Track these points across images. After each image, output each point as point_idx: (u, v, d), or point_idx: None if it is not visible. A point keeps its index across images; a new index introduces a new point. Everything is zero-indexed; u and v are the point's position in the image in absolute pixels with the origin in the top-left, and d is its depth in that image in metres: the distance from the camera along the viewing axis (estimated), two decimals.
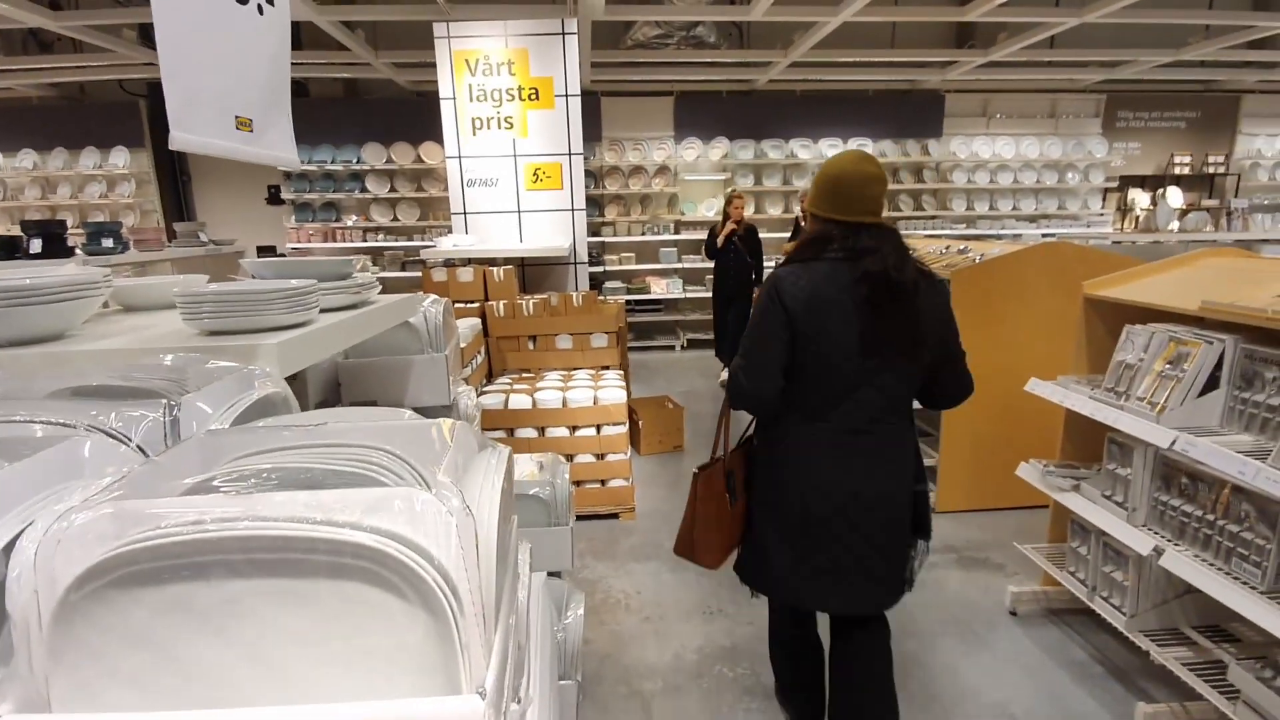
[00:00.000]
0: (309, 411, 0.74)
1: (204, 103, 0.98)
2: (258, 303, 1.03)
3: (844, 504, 1.70)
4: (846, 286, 1.63)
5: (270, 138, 1.15)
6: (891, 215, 8.60)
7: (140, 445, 0.71)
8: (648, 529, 3.58)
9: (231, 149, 1.06)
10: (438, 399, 1.85)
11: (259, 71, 1.08)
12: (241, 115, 1.05)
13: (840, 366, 1.65)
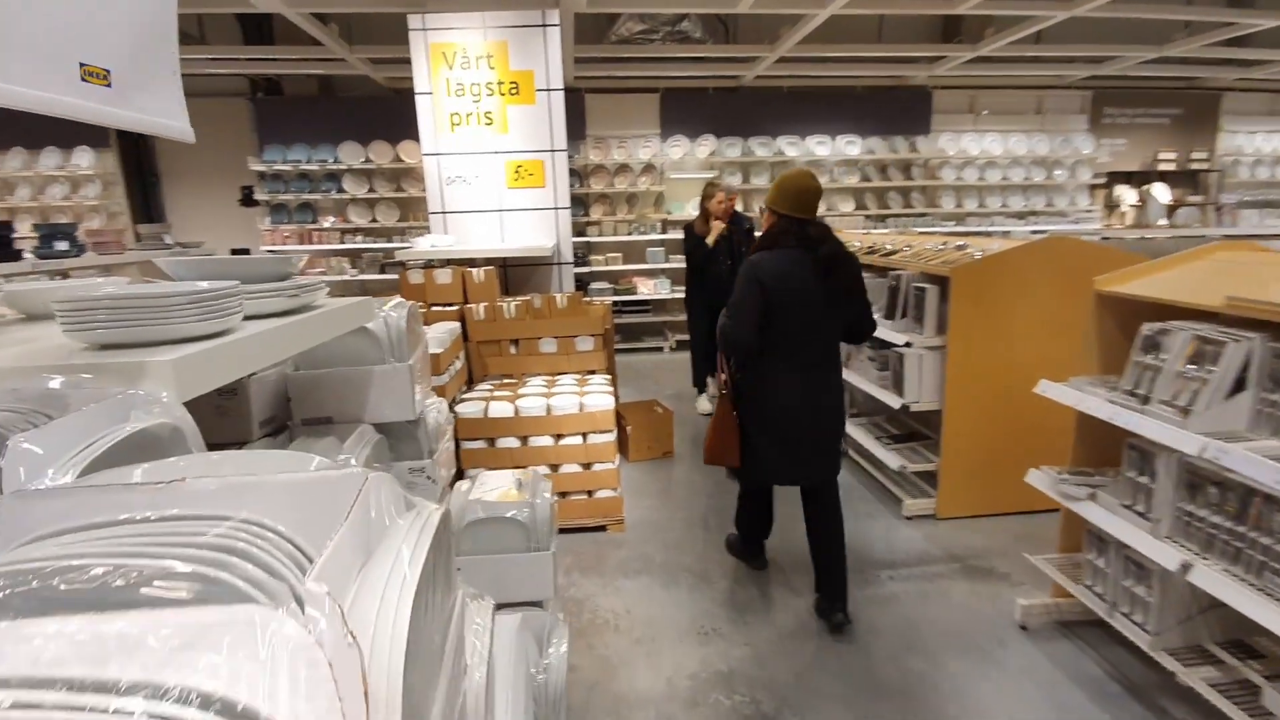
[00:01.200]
0: (180, 459, 0.55)
1: (25, 38, 0.77)
2: (156, 309, 0.84)
3: (809, 414, 2.58)
4: (803, 263, 2.46)
5: (140, 98, 0.93)
6: (879, 213, 8.49)
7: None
8: (638, 541, 3.40)
9: (71, 107, 0.84)
10: (401, 413, 1.66)
11: (122, 11, 0.87)
12: (90, 64, 0.84)
13: (798, 321, 2.50)
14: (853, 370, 4.06)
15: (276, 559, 0.37)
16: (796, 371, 2.54)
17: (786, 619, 2.72)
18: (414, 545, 0.45)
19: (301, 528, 0.41)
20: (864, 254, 4.34)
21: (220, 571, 0.34)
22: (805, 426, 2.59)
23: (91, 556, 0.34)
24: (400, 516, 0.50)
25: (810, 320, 2.50)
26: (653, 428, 4.47)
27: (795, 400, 2.55)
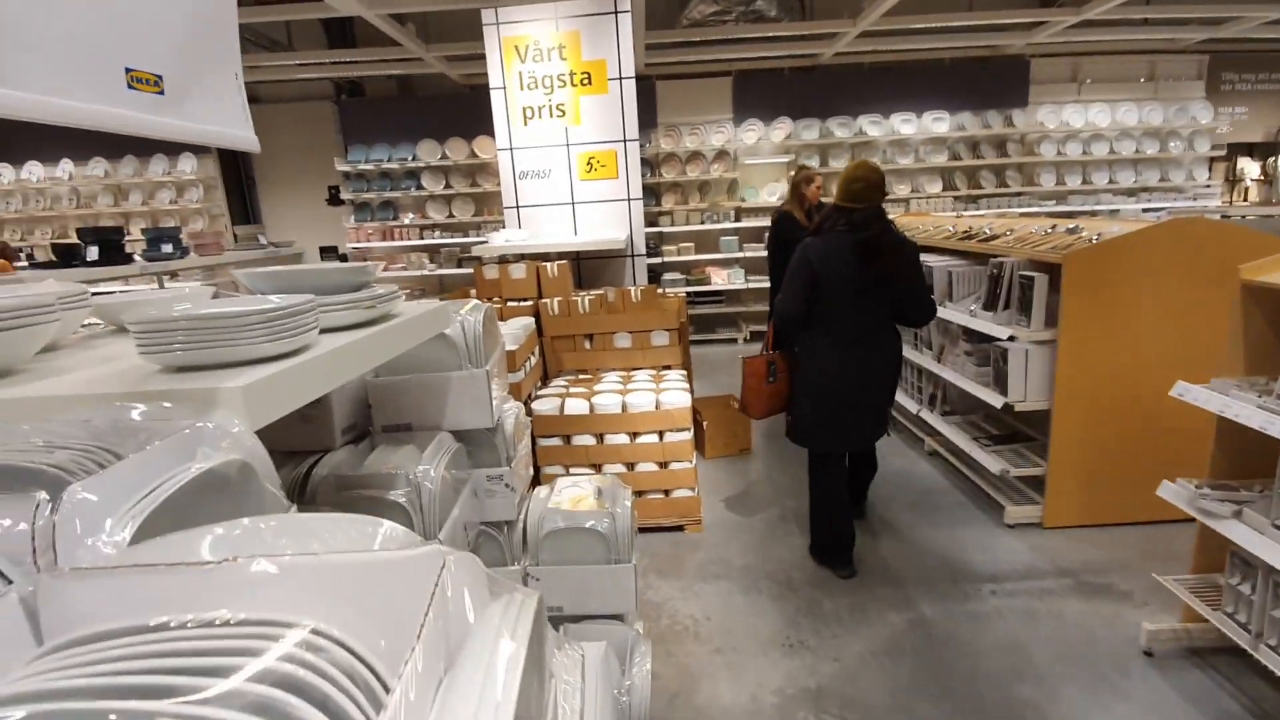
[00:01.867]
0: (235, 526, 0.48)
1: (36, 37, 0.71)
2: (230, 330, 0.80)
3: (847, 385, 2.78)
4: (846, 247, 2.68)
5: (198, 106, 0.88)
6: (970, 193, 7.96)
7: None
8: (716, 543, 3.29)
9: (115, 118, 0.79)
10: (480, 420, 1.61)
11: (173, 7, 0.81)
12: (138, 69, 0.79)
13: (840, 299, 2.71)
14: (947, 365, 3.79)
15: (344, 696, 0.28)
16: (838, 346, 2.77)
17: (879, 635, 2.55)
18: (507, 660, 0.36)
19: (371, 635, 0.33)
20: (959, 239, 4.04)
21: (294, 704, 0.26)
22: (843, 396, 2.80)
23: (117, 694, 0.27)
24: (484, 603, 0.41)
25: (850, 299, 2.72)
26: (729, 424, 4.34)
27: (834, 371, 2.79)
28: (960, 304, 3.64)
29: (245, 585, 0.38)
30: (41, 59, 0.72)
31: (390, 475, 1.35)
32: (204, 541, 0.44)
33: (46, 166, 8.20)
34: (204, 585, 0.38)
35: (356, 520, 0.49)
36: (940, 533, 3.26)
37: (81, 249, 3.76)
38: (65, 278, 3.87)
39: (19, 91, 0.70)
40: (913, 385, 4.36)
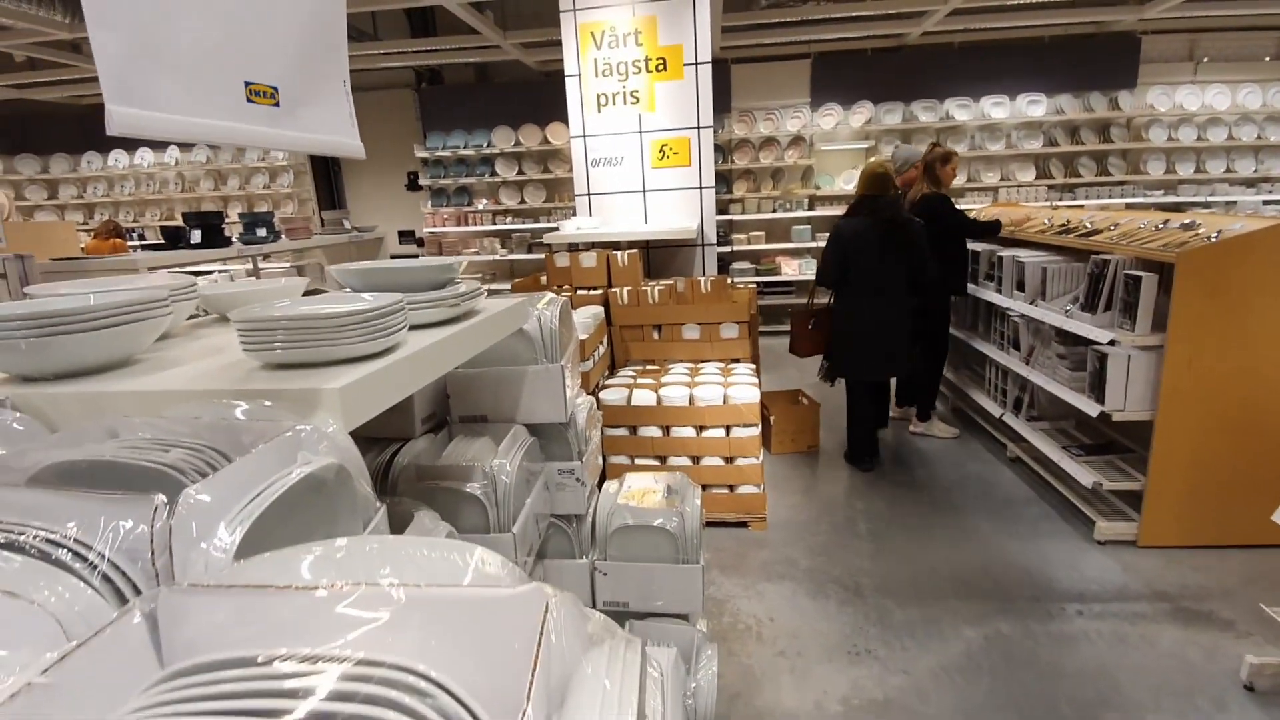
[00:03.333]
0: (335, 547, 0.49)
1: (172, 58, 0.73)
2: (325, 330, 0.82)
3: (872, 328, 3.67)
4: (869, 226, 3.59)
5: (309, 115, 0.90)
6: (1068, 182, 7.45)
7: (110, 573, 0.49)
8: (780, 541, 3.24)
9: (237, 133, 0.81)
10: (554, 414, 1.62)
11: (289, 19, 0.82)
12: (257, 82, 0.80)
13: (865, 265, 3.61)
14: (1037, 368, 3.58)
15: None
16: (864, 299, 3.68)
17: (953, 650, 2.45)
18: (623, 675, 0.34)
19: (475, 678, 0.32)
20: (1055, 233, 3.78)
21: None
22: (867, 338, 3.71)
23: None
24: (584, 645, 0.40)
25: (872, 266, 3.61)
26: (797, 420, 4.24)
27: (863, 317, 3.70)
28: (1054, 303, 3.42)
29: (353, 616, 0.37)
30: (171, 79, 0.75)
31: (467, 468, 1.37)
32: (310, 562, 0.45)
33: (156, 152, 8.81)
34: (314, 612, 0.38)
35: (452, 546, 0.48)
36: (1023, 545, 3.10)
37: (186, 232, 4.02)
38: (172, 259, 4.16)
39: (151, 112, 0.73)
40: (995, 387, 4.14)
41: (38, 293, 1.03)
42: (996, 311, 4.05)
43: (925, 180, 4.07)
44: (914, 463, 4.05)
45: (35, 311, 0.83)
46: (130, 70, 0.70)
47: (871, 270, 3.61)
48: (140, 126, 0.73)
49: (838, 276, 3.71)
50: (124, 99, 0.71)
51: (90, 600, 0.46)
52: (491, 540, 1.36)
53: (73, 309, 0.84)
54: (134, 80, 0.70)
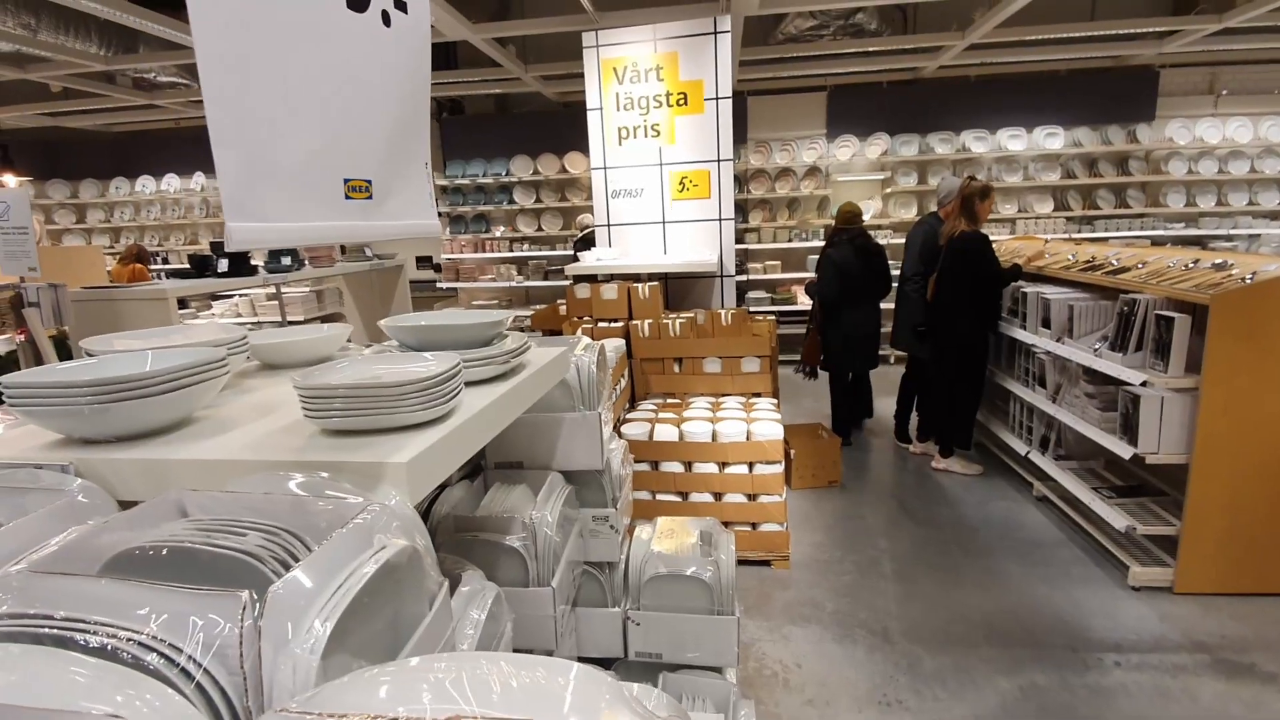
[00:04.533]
0: (439, 662, 0.47)
1: (285, 168, 0.75)
2: (387, 399, 0.81)
3: (856, 331, 4.62)
4: (850, 253, 4.57)
5: (396, 205, 0.90)
6: (1086, 214, 7.44)
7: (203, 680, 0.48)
8: (804, 582, 3.18)
9: (332, 230, 0.82)
10: (590, 461, 1.60)
11: (380, 110, 0.83)
12: (354, 178, 0.81)
13: (850, 283, 4.54)
14: (1064, 406, 3.53)
15: None
16: (850, 310, 4.61)
17: (986, 701, 2.38)
18: None
19: None
20: (1079, 269, 3.76)
21: None
22: (855, 339, 4.66)
23: None
24: None
25: (855, 284, 4.56)
26: (818, 455, 4.20)
27: (849, 324, 4.63)
28: (1082, 341, 3.38)
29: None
30: (279, 189, 0.76)
31: (507, 519, 1.36)
32: (412, 684, 0.43)
33: (182, 178, 8.98)
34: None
35: (549, 664, 0.46)
36: (1054, 590, 3.03)
37: (214, 260, 4.08)
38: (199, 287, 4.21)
39: (261, 223, 0.74)
40: (1020, 424, 4.09)
41: (97, 349, 1.04)
42: (1021, 347, 4.01)
43: (962, 215, 3.99)
44: (937, 500, 3.98)
45: (99, 378, 0.83)
46: (245, 187, 0.71)
47: (854, 288, 4.57)
48: (254, 239, 0.74)
49: (836, 291, 4.59)
50: (240, 215, 0.72)
51: (183, 711, 0.45)
52: (530, 595, 1.34)
53: (136, 375, 0.84)
54: (247, 196, 0.71)
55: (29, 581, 0.55)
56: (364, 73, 0.81)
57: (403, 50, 0.88)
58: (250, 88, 0.70)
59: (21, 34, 5.31)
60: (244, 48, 0.67)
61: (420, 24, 0.91)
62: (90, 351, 1.04)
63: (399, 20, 0.85)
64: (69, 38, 5.69)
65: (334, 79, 0.78)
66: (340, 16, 0.78)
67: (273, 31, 0.70)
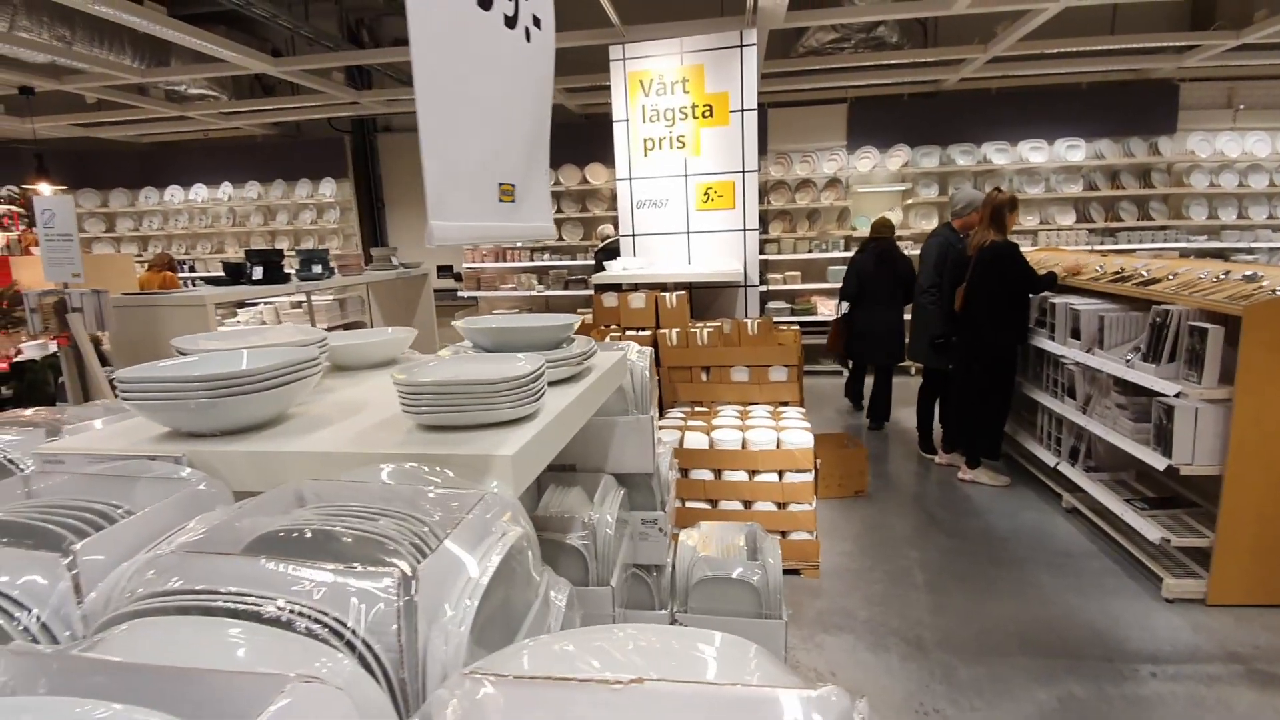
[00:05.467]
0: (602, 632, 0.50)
1: (466, 174, 0.80)
2: (484, 396, 0.85)
3: (873, 330, 5.30)
4: (871, 259, 5.29)
5: (528, 206, 0.95)
6: (1108, 226, 7.41)
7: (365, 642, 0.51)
8: (835, 591, 3.18)
9: (489, 230, 0.87)
10: (641, 465, 1.63)
11: (525, 119, 0.88)
12: (505, 182, 0.86)
13: (870, 285, 5.27)
14: (1095, 417, 3.52)
15: None
16: (866, 308, 5.29)
17: (1024, 711, 2.37)
18: None
19: None
20: (1108, 280, 3.76)
21: None
22: (870, 335, 5.29)
23: None
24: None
25: (870, 286, 5.23)
26: (844, 464, 4.20)
27: (864, 320, 5.31)
28: (1113, 352, 3.38)
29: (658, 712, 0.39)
30: (461, 191, 0.80)
31: (568, 519, 1.38)
32: (581, 651, 0.46)
33: (210, 188, 9.15)
34: (615, 704, 0.39)
35: (731, 641, 0.49)
36: (1088, 601, 3.01)
37: (248, 268, 4.16)
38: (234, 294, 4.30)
39: (450, 222, 0.78)
40: (1049, 435, 4.07)
41: (186, 347, 1.08)
42: (1049, 358, 4.01)
43: (990, 226, 3.99)
44: (965, 511, 3.97)
45: (209, 374, 0.87)
46: (442, 190, 0.76)
47: (869, 289, 5.24)
48: (446, 236, 0.79)
49: (854, 291, 5.31)
50: (438, 214, 0.77)
51: (362, 680, 0.48)
52: (591, 594, 1.36)
53: (243, 372, 0.88)
54: (443, 198, 0.75)
55: (186, 560, 0.58)
56: (514, 85, 0.86)
57: (539, 63, 0.93)
58: (449, 104, 0.75)
59: (57, 45, 5.45)
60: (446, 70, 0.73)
61: (549, 37, 0.96)
62: (182, 350, 1.09)
63: (536, 36, 0.90)
64: (103, 50, 5.84)
65: (496, 93, 0.83)
66: (501, 36, 0.83)
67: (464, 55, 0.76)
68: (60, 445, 0.92)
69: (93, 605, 0.61)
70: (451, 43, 0.76)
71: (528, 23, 0.90)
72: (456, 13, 0.74)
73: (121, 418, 1.16)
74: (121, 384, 0.87)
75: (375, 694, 0.48)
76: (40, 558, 0.60)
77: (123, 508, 0.73)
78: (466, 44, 0.77)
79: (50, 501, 0.74)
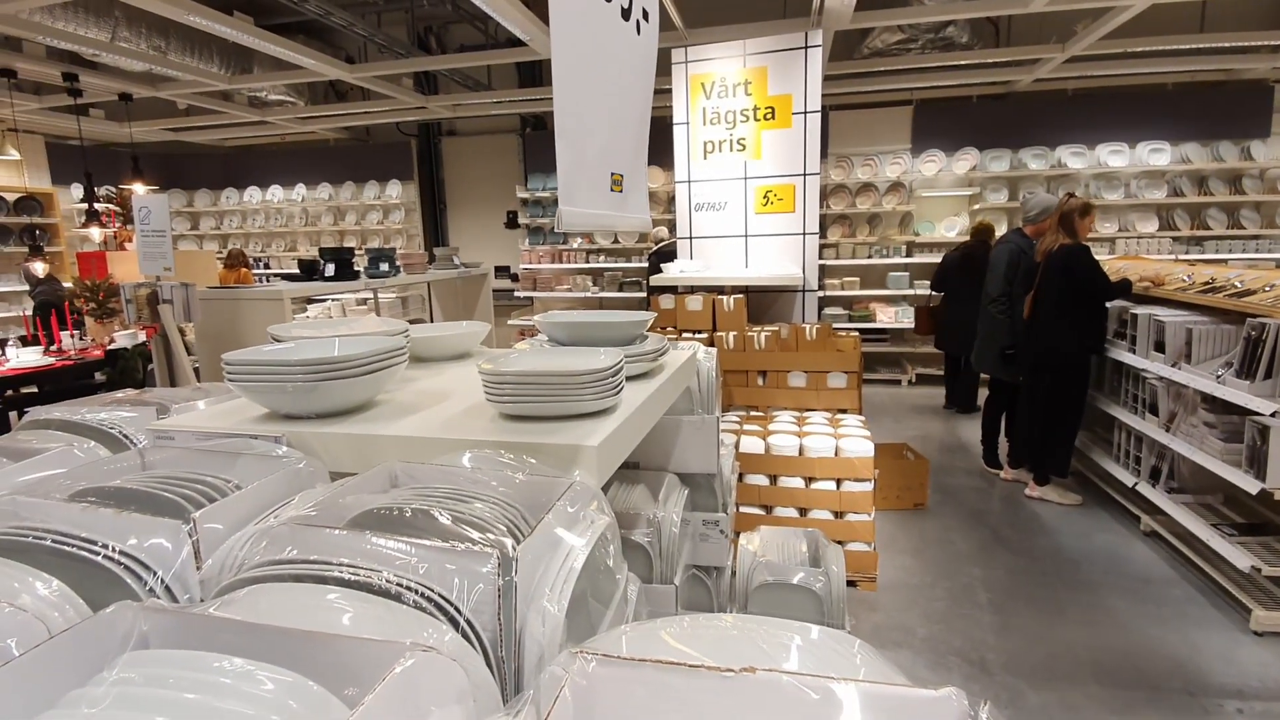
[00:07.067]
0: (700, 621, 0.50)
1: (589, 163, 0.83)
2: (567, 387, 0.86)
3: (952, 321, 5.75)
4: (957, 256, 5.82)
5: (634, 198, 0.98)
6: (1195, 234, 7.00)
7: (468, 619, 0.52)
8: (893, 605, 3.09)
9: (602, 218, 0.89)
10: (705, 465, 1.62)
11: (633, 111, 0.90)
12: (616, 172, 0.88)
13: (949, 279, 5.82)
14: (1180, 436, 3.32)
15: None
16: (950, 303, 5.71)
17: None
18: None
19: None
20: (1197, 291, 3.54)
21: None
22: (949, 326, 5.64)
23: None
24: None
25: (953, 283, 5.69)
26: (904, 475, 4.09)
27: (944, 313, 5.75)
28: (1201, 366, 3.18)
29: (769, 705, 0.38)
30: (584, 179, 0.83)
31: (634, 515, 1.39)
32: (694, 637, 0.46)
33: (285, 189, 9.60)
34: (726, 692, 0.39)
35: (834, 635, 0.49)
36: (1168, 631, 2.84)
37: (321, 265, 4.34)
38: (308, 290, 4.49)
39: (575, 208, 0.82)
40: (1127, 454, 3.86)
41: (282, 334, 1.14)
42: (1129, 372, 3.81)
43: (1061, 232, 3.83)
44: (1033, 529, 3.80)
45: (309, 359, 0.91)
46: (572, 178, 0.79)
47: (952, 285, 5.70)
48: (573, 222, 0.82)
49: (938, 285, 5.87)
50: (568, 201, 0.80)
51: (469, 654, 0.49)
52: (655, 591, 1.37)
53: (340, 357, 0.92)
54: (572, 185, 0.79)
55: (299, 532, 0.61)
56: (627, 77, 0.89)
57: (646, 56, 0.95)
58: (579, 92, 0.78)
59: (153, 54, 5.82)
60: (578, 59, 0.76)
61: (655, 31, 0.99)
62: (277, 337, 1.14)
63: (644, 29, 0.92)
64: (194, 59, 6.20)
65: (613, 83, 0.85)
66: (618, 27, 0.85)
67: (590, 45, 0.79)
68: (170, 423, 0.98)
69: (208, 571, 0.65)
70: (581, 32, 0.78)
71: (639, 16, 0.91)
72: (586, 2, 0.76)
73: (210, 401, 1.22)
74: (228, 366, 0.92)
75: (481, 668, 0.49)
76: (165, 524, 0.64)
77: (231, 481, 0.78)
78: (593, 34, 0.80)
79: (166, 473, 0.79)
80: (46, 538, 0.63)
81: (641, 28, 0.92)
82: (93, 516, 0.65)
